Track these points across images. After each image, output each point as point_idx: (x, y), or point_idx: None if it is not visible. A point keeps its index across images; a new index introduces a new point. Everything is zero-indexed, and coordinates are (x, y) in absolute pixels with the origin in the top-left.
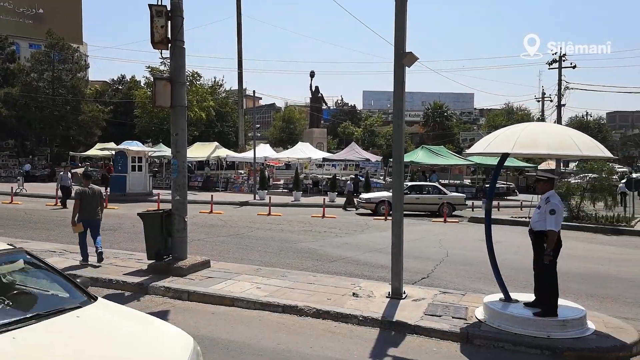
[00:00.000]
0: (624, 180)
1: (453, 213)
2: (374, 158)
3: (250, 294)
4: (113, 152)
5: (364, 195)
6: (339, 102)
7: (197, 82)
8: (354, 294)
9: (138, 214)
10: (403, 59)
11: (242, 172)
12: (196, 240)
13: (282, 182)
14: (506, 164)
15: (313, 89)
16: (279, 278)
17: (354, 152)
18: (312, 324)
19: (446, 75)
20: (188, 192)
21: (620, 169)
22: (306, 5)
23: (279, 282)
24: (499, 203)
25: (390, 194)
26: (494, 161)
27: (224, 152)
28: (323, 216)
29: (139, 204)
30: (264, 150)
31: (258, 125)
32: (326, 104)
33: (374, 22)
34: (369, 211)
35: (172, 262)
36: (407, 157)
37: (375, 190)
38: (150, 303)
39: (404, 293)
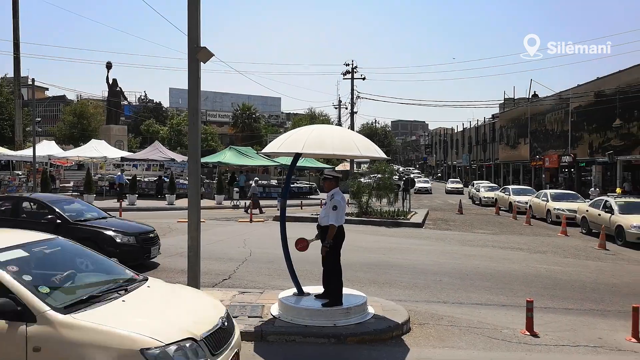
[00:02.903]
0: (403, 179)
1: None
2: (180, 158)
3: None
4: None
5: None
6: (143, 98)
7: None
8: None
9: None
10: (197, 53)
11: (20, 172)
12: None
13: (72, 184)
14: (308, 164)
15: (110, 81)
16: None
17: (157, 151)
18: None
19: (253, 79)
20: None
21: (415, 172)
22: None
23: None
24: (301, 202)
25: None
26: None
27: None
28: None
29: None
30: (49, 148)
31: (39, 119)
32: (126, 99)
33: (178, 15)
34: None
35: None
36: (215, 158)
37: (182, 192)
38: None
39: None
